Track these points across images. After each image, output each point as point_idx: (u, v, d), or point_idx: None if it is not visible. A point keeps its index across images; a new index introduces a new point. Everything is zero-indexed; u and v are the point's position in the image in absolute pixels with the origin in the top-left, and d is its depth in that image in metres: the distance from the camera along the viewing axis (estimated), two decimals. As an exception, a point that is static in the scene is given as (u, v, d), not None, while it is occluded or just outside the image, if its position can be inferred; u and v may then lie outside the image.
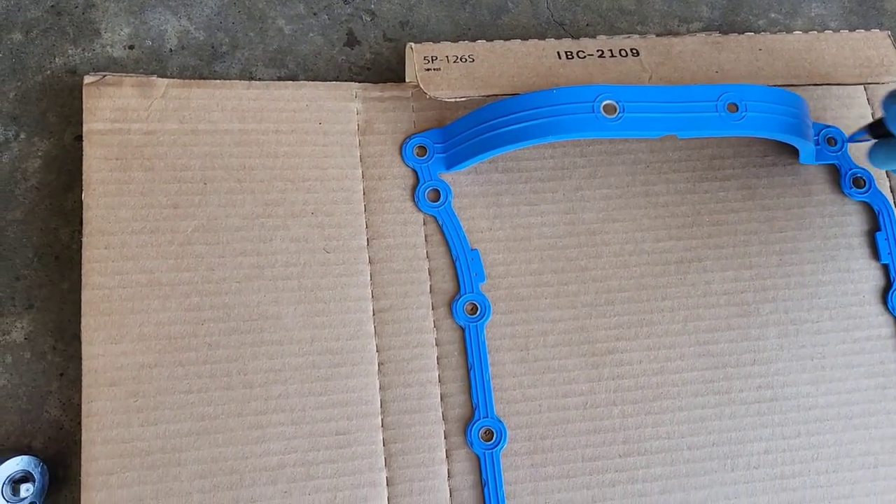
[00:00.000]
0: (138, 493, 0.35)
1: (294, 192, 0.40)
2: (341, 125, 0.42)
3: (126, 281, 0.37)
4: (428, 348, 0.39)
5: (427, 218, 0.41)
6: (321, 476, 0.37)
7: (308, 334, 0.38)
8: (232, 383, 0.37)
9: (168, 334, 0.37)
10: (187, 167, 0.39)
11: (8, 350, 0.39)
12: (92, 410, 0.35)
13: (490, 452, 0.38)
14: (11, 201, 0.40)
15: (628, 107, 0.38)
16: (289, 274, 0.39)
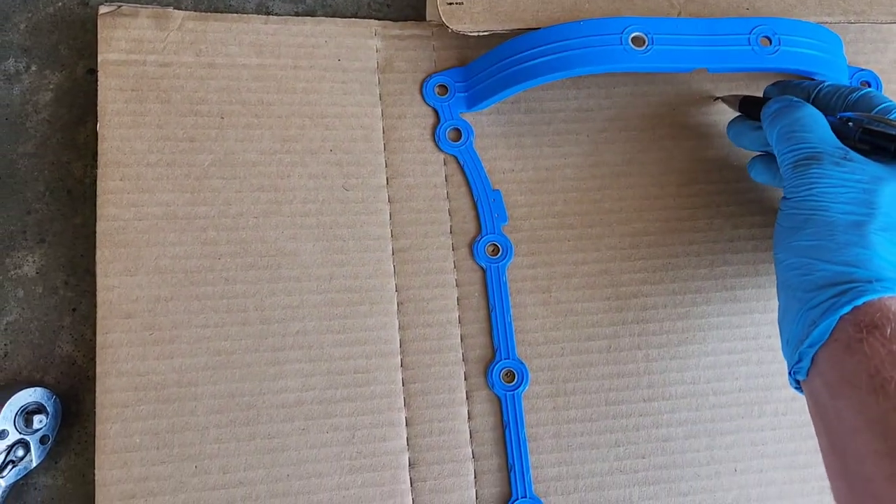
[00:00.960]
0: (153, 426, 0.34)
1: (312, 128, 0.39)
2: (360, 62, 0.41)
3: (141, 213, 0.36)
4: (448, 289, 0.39)
5: (448, 158, 0.40)
6: (339, 414, 0.36)
7: (326, 272, 0.37)
8: (249, 319, 0.36)
9: (184, 268, 0.36)
10: (204, 101, 0.38)
11: (20, 284, 0.38)
12: (107, 342, 0.35)
13: (511, 394, 0.37)
14: (23, 134, 0.40)
15: (657, 38, 0.37)
16: (307, 211, 0.38)
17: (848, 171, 0.32)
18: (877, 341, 0.28)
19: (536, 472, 0.37)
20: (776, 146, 0.35)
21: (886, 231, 0.31)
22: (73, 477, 0.36)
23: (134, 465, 0.34)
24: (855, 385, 0.28)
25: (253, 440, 0.35)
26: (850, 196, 0.32)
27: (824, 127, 0.34)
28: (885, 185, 0.32)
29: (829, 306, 0.30)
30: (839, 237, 0.31)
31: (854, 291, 0.29)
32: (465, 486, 0.36)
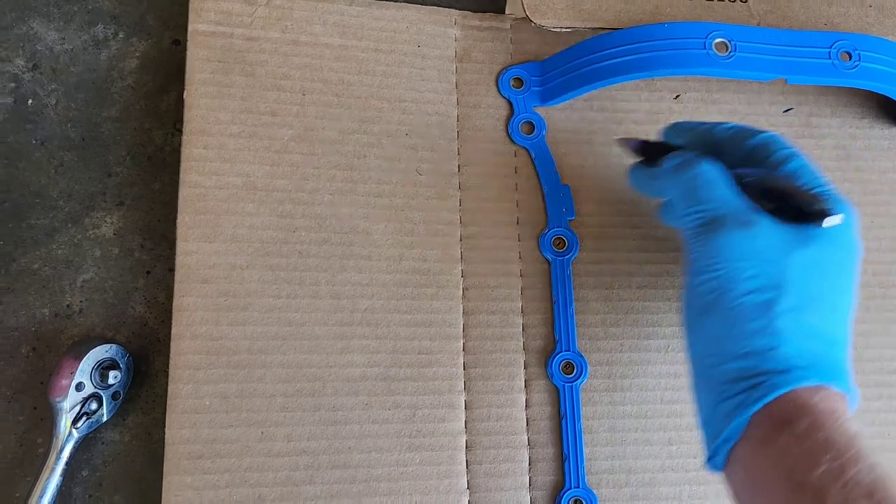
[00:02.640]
0: (223, 389, 0.35)
1: (390, 111, 0.40)
2: (439, 50, 0.41)
3: (222, 182, 0.37)
4: (513, 278, 0.39)
5: (519, 150, 0.41)
6: (402, 392, 0.37)
7: (397, 252, 0.38)
8: (320, 293, 0.37)
9: (260, 238, 0.37)
10: (287, 76, 0.39)
11: (97, 244, 0.39)
12: (183, 305, 0.35)
13: (570, 385, 0.38)
14: (107, 99, 0.40)
15: (740, 46, 0.37)
16: (381, 192, 0.39)
17: (753, 237, 0.29)
18: (789, 439, 0.26)
19: (590, 464, 0.37)
20: (676, 207, 0.32)
21: (795, 311, 0.28)
22: (139, 435, 0.37)
23: (203, 427, 0.34)
24: (771, 485, 0.26)
25: (317, 411, 0.36)
26: (755, 271, 0.29)
27: (724, 186, 0.31)
28: (794, 254, 0.29)
29: (740, 402, 0.28)
30: (746, 325, 0.28)
31: (763, 387, 0.27)
32: (520, 473, 0.37)
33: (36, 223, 0.39)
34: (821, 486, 0.24)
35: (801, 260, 0.29)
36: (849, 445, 0.25)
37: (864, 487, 0.24)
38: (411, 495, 0.36)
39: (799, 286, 0.28)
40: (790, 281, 0.28)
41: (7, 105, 0.40)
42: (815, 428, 0.26)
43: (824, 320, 0.29)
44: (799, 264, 0.29)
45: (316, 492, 0.35)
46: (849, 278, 0.30)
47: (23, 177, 0.39)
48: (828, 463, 0.25)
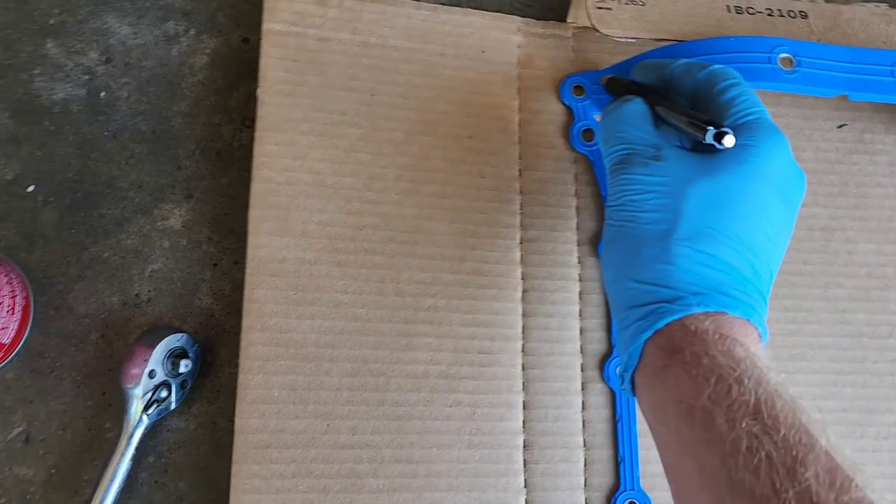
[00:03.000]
0: (291, 381, 0.36)
1: (454, 114, 0.41)
2: (503, 56, 0.42)
3: (293, 178, 0.38)
4: (571, 282, 0.40)
5: (578, 157, 0.42)
6: (462, 390, 0.37)
7: (459, 253, 0.39)
8: (385, 290, 0.38)
9: (329, 234, 0.38)
10: (356, 77, 0.40)
11: (166, 235, 0.39)
12: (254, 297, 0.36)
13: (626, 389, 0.38)
14: (178, 93, 0.41)
15: (804, 62, 0.38)
16: (445, 193, 0.39)
17: (655, 172, 0.30)
18: (678, 366, 0.26)
19: (644, 467, 0.38)
20: (602, 150, 0.34)
21: (690, 240, 0.28)
22: (203, 423, 0.37)
23: (271, 417, 0.35)
24: (667, 413, 0.26)
25: (381, 406, 0.36)
26: (655, 203, 0.29)
27: (642, 123, 0.32)
28: (693, 185, 0.29)
29: (635, 330, 0.28)
30: (644, 251, 0.29)
31: (655, 314, 0.28)
32: (576, 473, 0.38)
33: (107, 213, 0.39)
34: (708, 411, 0.24)
35: (701, 190, 0.29)
36: (734, 367, 0.25)
37: (750, 407, 0.24)
38: (470, 492, 0.36)
39: (697, 215, 0.29)
40: (688, 211, 0.29)
41: (81, 97, 0.41)
42: (701, 354, 0.26)
43: (727, 249, 0.28)
44: (699, 194, 0.29)
45: (379, 485, 0.35)
46: (768, 210, 0.29)
47: (95, 167, 0.40)
48: (712, 386, 0.25)
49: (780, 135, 0.31)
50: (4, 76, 0.40)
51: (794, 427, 0.23)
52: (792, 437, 0.23)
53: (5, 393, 0.37)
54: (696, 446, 0.25)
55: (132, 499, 0.36)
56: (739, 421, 0.23)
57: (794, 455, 0.22)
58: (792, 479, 0.22)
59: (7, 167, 0.39)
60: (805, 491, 0.21)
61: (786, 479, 0.22)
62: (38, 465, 0.36)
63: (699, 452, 0.24)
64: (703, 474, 0.24)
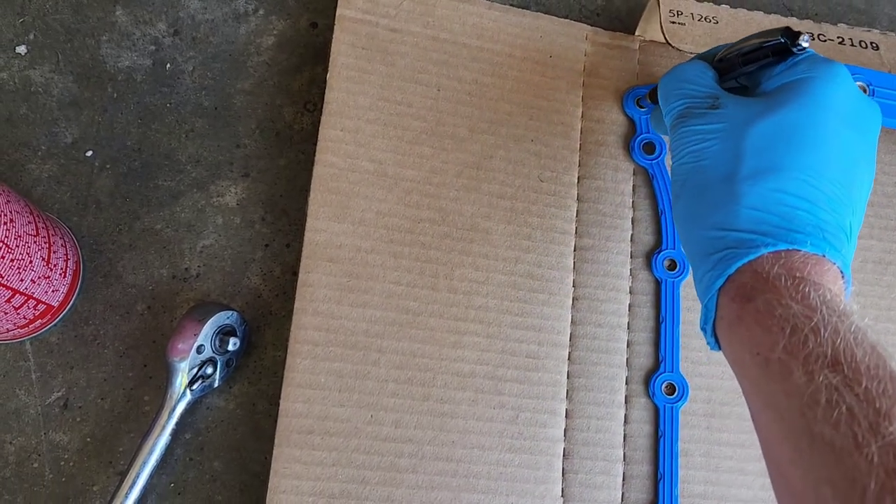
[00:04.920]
0: (339, 368, 0.35)
1: (518, 116, 0.40)
2: (569, 63, 0.42)
3: (355, 165, 0.38)
4: (622, 294, 0.40)
5: (637, 168, 0.41)
6: (507, 393, 0.37)
7: (513, 255, 0.39)
8: (438, 285, 0.37)
9: (386, 224, 0.37)
10: (424, 70, 0.40)
11: (220, 212, 0.39)
12: (308, 281, 0.36)
13: (671, 406, 0.38)
14: (242, 72, 0.41)
15: (878, 92, 0.38)
16: (503, 193, 0.39)
17: (713, 120, 0.29)
18: (751, 317, 0.25)
19: (683, 486, 0.37)
20: (663, 112, 0.33)
21: (754, 178, 0.27)
22: (243, 404, 0.37)
23: (316, 403, 0.35)
24: (745, 364, 0.25)
25: (426, 401, 0.36)
26: (716, 148, 0.29)
27: (699, 77, 0.32)
28: (753, 124, 0.28)
29: (708, 281, 0.27)
30: (709, 198, 0.28)
31: (724, 261, 0.27)
32: (614, 487, 0.37)
33: (162, 185, 0.39)
34: (784, 363, 0.23)
35: (762, 128, 0.28)
36: (809, 315, 0.24)
37: (828, 358, 0.23)
38: (508, 496, 0.36)
39: (759, 153, 0.28)
40: (750, 149, 0.28)
41: (146, 67, 0.40)
42: (773, 302, 0.25)
43: (797, 182, 0.27)
44: (759, 132, 0.28)
45: (418, 481, 0.35)
46: (838, 139, 0.28)
47: (154, 138, 0.40)
48: (787, 337, 0.24)
49: (838, 65, 0.29)
50: (72, 40, 0.40)
51: (877, 378, 0.22)
52: (875, 388, 0.21)
53: (48, 356, 0.37)
54: (775, 398, 0.24)
55: (165, 474, 0.36)
56: (817, 373, 0.22)
57: (876, 408, 0.21)
58: (875, 432, 0.21)
59: (67, 130, 0.39)
60: (889, 445, 0.20)
61: (868, 433, 0.21)
62: (75, 432, 0.36)
63: (778, 404, 0.24)
64: (783, 425, 0.23)
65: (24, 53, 0.40)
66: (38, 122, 0.39)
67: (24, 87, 0.39)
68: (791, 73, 0.30)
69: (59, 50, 0.40)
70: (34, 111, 0.39)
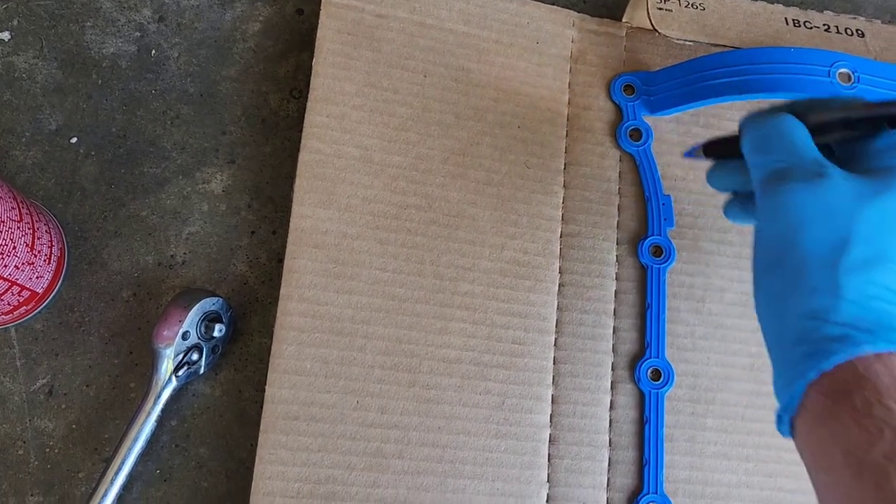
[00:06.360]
0: (325, 354, 0.35)
1: (504, 102, 0.40)
2: (556, 49, 0.42)
3: (341, 151, 0.38)
4: (608, 280, 0.40)
5: (624, 155, 0.41)
6: (493, 379, 0.37)
7: (499, 241, 0.39)
8: (424, 271, 0.37)
9: (372, 211, 0.37)
10: (411, 56, 0.40)
11: (206, 199, 0.39)
12: (294, 267, 0.36)
13: (656, 392, 0.38)
14: (228, 58, 0.41)
15: (863, 78, 0.38)
16: (490, 180, 0.39)
17: (822, 190, 0.26)
18: (847, 413, 0.24)
19: (668, 472, 0.37)
20: (749, 162, 0.30)
21: (863, 268, 0.25)
22: (229, 391, 0.37)
23: (302, 389, 0.35)
24: (833, 463, 0.24)
25: (412, 388, 0.36)
26: (822, 225, 0.26)
27: (800, 135, 0.29)
28: (864, 207, 0.26)
29: (799, 370, 0.26)
30: (807, 281, 0.26)
31: (820, 353, 0.25)
32: (599, 472, 0.37)
33: (148, 171, 0.39)
34: (882, 468, 0.22)
35: (872, 212, 0.26)
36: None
37: None
38: (493, 482, 0.36)
39: (868, 241, 0.26)
40: (858, 235, 0.26)
41: (131, 53, 0.40)
42: (873, 402, 0.23)
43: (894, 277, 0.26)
44: (870, 217, 0.26)
45: (404, 466, 0.35)
46: None
47: (140, 125, 0.39)
48: (888, 442, 0.22)
49: None
50: (56, 26, 0.40)
51: None
52: None
53: (32, 344, 0.36)
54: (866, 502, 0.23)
55: (151, 461, 0.36)
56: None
57: None
58: None
59: (52, 117, 0.39)
60: None
61: None
62: (60, 418, 0.36)
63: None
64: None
65: (8, 40, 0.40)
66: (22, 109, 0.39)
67: (7, 73, 0.39)
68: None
69: (42, 36, 0.40)
70: (18, 97, 0.39)
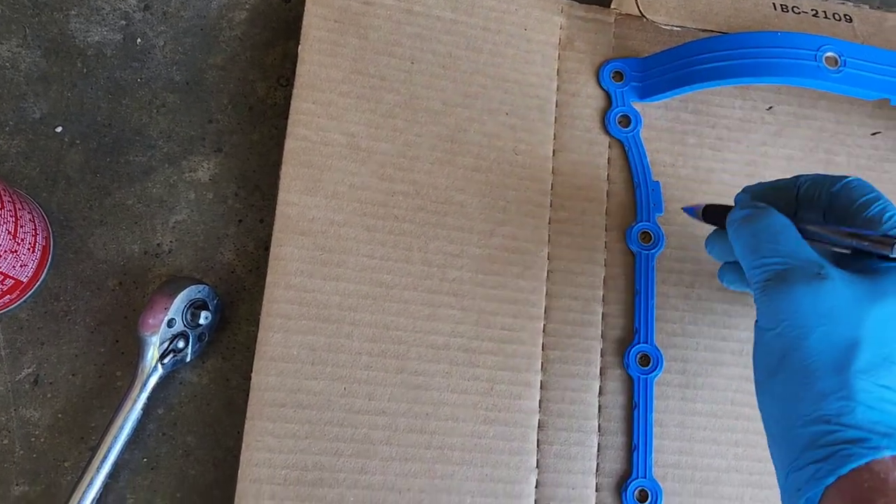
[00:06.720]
0: (312, 342, 0.35)
1: (493, 89, 0.40)
2: (544, 36, 0.42)
3: (327, 139, 0.37)
4: (597, 267, 0.40)
5: (613, 142, 0.41)
6: (482, 365, 0.37)
7: (488, 228, 0.38)
8: (412, 258, 0.37)
9: (359, 198, 0.37)
10: (398, 43, 0.39)
11: (192, 187, 0.39)
12: (280, 255, 0.36)
13: (645, 377, 0.38)
14: (214, 46, 0.41)
15: (850, 62, 0.38)
16: (478, 166, 0.39)
17: (824, 292, 0.26)
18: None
19: (657, 456, 0.37)
20: (742, 261, 0.30)
21: (873, 371, 0.26)
22: (216, 379, 0.37)
23: (288, 376, 0.35)
24: None
25: (400, 374, 0.36)
26: (827, 328, 0.26)
27: (792, 235, 0.29)
28: (869, 309, 0.26)
29: (812, 474, 0.25)
30: (818, 386, 0.26)
31: (836, 458, 0.25)
32: (588, 458, 0.37)
33: (134, 160, 0.39)
34: None
35: (878, 315, 0.26)
36: None
37: None
38: (482, 467, 0.36)
39: (877, 344, 0.26)
40: (866, 338, 0.26)
41: (116, 41, 0.40)
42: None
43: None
44: (876, 320, 0.26)
45: (391, 453, 0.35)
46: None
47: (125, 113, 0.39)
48: None
49: None
50: (39, 14, 0.40)
51: None
52: None
53: (17, 333, 0.36)
54: None
55: (137, 449, 0.36)
56: None
57: None
58: None
59: (36, 105, 0.39)
60: None
61: None
62: (46, 408, 0.36)
63: None
64: None
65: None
66: (5, 97, 0.38)
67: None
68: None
69: (26, 24, 0.40)
70: (1, 86, 0.39)
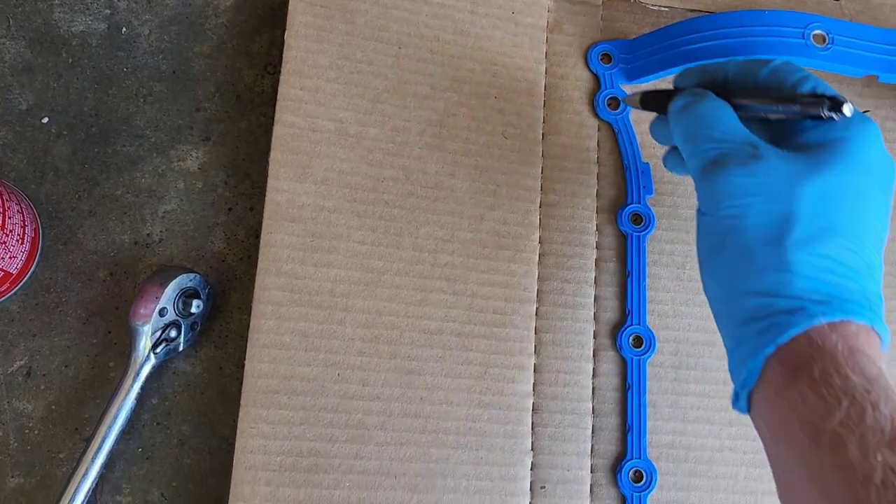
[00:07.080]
0: (304, 328, 0.35)
1: (481, 73, 0.40)
2: (532, 19, 0.42)
3: (316, 125, 0.37)
4: (588, 249, 0.40)
5: (602, 125, 0.41)
6: (475, 349, 0.37)
7: (479, 212, 0.38)
8: (403, 243, 0.37)
9: (349, 183, 0.37)
10: (385, 28, 0.39)
11: (181, 176, 0.39)
12: (270, 242, 0.35)
13: (638, 359, 0.38)
14: (200, 35, 0.41)
15: (837, 40, 0.38)
16: (467, 150, 0.39)
17: (758, 173, 0.27)
18: (804, 385, 0.24)
19: (651, 437, 0.38)
20: (682, 150, 0.31)
21: (810, 242, 0.26)
22: (210, 368, 0.37)
23: (282, 363, 0.35)
24: (791, 433, 0.24)
25: (393, 359, 0.36)
26: (763, 206, 0.27)
27: (728, 119, 0.29)
28: (802, 184, 0.27)
29: (753, 346, 0.26)
30: (755, 260, 0.27)
31: (775, 328, 0.26)
32: (582, 439, 0.37)
33: (121, 150, 0.39)
34: (839, 436, 0.23)
35: (812, 189, 0.27)
36: (868, 388, 0.23)
37: (886, 435, 0.22)
38: (477, 451, 0.36)
39: (811, 216, 0.26)
40: (800, 212, 0.26)
41: (101, 31, 0.40)
42: (831, 372, 0.24)
43: (843, 250, 0.26)
44: (810, 194, 0.27)
45: (386, 438, 0.35)
46: (874, 202, 0.28)
47: (112, 103, 0.39)
48: (845, 410, 0.23)
49: (872, 123, 0.28)
50: (23, 4, 0.39)
51: None
52: None
53: (8, 325, 0.36)
54: (823, 471, 0.23)
55: (132, 439, 0.36)
56: (873, 451, 0.22)
57: None
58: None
59: (21, 97, 0.38)
60: None
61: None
62: (39, 399, 0.36)
63: (825, 477, 0.23)
64: (828, 500, 0.23)
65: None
66: (-9, 89, 0.38)
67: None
68: (830, 129, 0.28)
69: (9, 15, 0.39)
70: (-13, 78, 0.38)
